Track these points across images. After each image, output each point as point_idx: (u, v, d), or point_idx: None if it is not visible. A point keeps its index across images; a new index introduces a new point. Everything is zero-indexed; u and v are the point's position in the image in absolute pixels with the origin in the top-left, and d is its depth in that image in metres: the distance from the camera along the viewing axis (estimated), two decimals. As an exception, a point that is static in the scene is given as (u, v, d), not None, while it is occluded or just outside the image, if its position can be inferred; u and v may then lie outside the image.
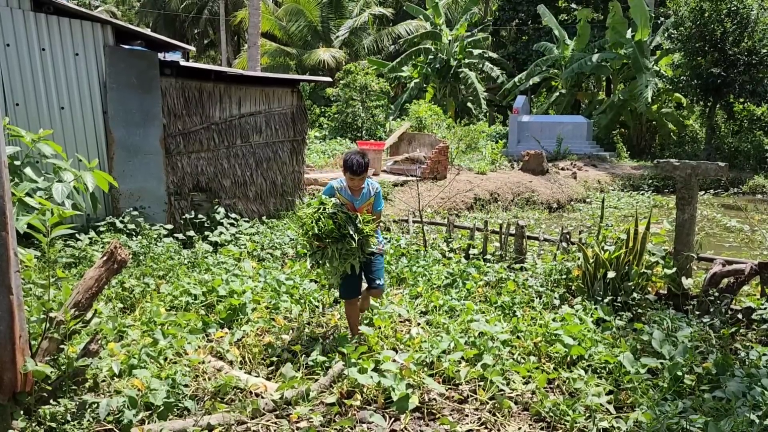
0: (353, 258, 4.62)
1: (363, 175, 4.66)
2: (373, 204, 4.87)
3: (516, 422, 3.81)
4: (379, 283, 4.96)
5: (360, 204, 4.79)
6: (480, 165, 17.55)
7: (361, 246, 4.61)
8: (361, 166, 4.62)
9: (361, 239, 4.60)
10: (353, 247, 4.55)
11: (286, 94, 10.19)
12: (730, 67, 20.23)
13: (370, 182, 4.84)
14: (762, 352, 4.36)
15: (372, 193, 4.83)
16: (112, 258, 3.91)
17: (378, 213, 4.93)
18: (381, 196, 4.94)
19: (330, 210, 4.58)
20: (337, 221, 4.55)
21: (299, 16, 28.95)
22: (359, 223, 4.60)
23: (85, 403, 3.59)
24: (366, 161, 4.65)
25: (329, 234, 4.54)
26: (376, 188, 4.87)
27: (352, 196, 4.78)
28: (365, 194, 4.81)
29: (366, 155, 4.71)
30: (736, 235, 11.50)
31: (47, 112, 7.54)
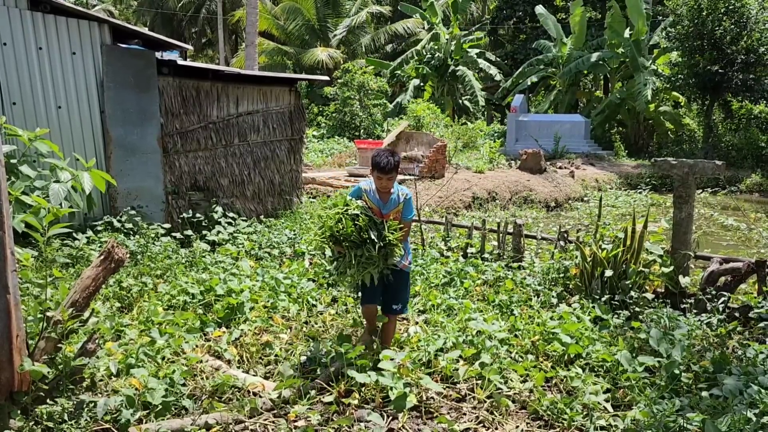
0: (373, 267, 4.24)
1: (392, 175, 4.30)
2: (402, 211, 4.45)
3: (514, 421, 3.82)
4: (396, 307, 4.52)
5: (387, 210, 4.41)
6: (478, 164, 17.56)
7: (384, 255, 4.25)
8: (390, 164, 4.27)
9: (384, 248, 4.22)
10: (373, 255, 4.20)
11: (283, 93, 10.18)
12: (728, 66, 20.26)
13: (401, 188, 4.47)
14: (759, 350, 4.37)
15: (401, 199, 4.43)
16: (109, 257, 3.90)
17: (407, 222, 4.48)
18: (412, 204, 4.50)
19: (353, 211, 4.22)
20: (358, 224, 4.19)
21: (297, 14, 28.94)
22: (385, 229, 4.24)
23: (83, 403, 3.58)
24: (396, 160, 4.31)
25: (348, 237, 4.19)
26: (407, 194, 4.46)
27: (380, 200, 4.40)
28: (393, 200, 4.42)
29: (396, 154, 4.35)
30: (733, 233, 11.52)
31: (44, 111, 7.53)
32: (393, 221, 4.36)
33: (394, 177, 4.34)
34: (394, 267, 4.39)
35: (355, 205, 4.28)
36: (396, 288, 4.52)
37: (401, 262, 4.44)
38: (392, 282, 4.45)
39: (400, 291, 4.56)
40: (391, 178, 4.32)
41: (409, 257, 4.58)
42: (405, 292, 4.63)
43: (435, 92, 29.20)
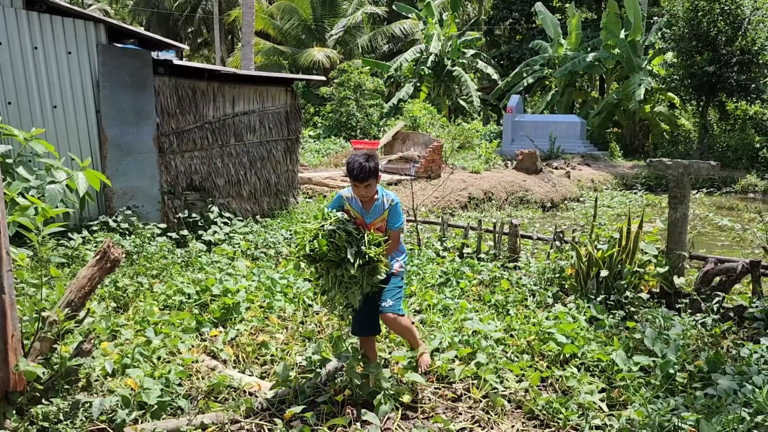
0: (357, 287, 3.81)
1: (369, 182, 3.80)
2: (388, 220, 3.98)
3: (509, 420, 3.82)
4: (385, 305, 4.02)
5: (372, 218, 3.97)
6: (474, 164, 17.59)
7: (367, 273, 3.82)
8: (364, 171, 3.76)
9: (365, 266, 3.78)
10: (355, 275, 3.76)
11: (280, 93, 10.18)
12: (724, 66, 20.34)
13: (386, 193, 4.00)
14: (753, 350, 4.39)
15: (386, 205, 3.96)
16: (105, 257, 3.90)
17: (395, 232, 4.01)
18: (399, 211, 4.01)
19: (329, 227, 3.78)
20: (334, 242, 3.75)
21: (293, 14, 28.92)
22: (364, 245, 3.79)
23: (78, 403, 3.58)
24: (372, 165, 3.79)
25: (323, 257, 3.78)
26: (392, 200, 3.97)
27: (363, 208, 3.97)
28: (378, 207, 3.96)
29: (373, 158, 3.86)
30: (728, 233, 11.56)
31: (39, 111, 7.51)
32: (377, 233, 3.94)
33: (372, 184, 3.85)
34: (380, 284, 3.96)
35: (334, 219, 3.85)
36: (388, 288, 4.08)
37: (392, 268, 4.06)
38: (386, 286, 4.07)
39: (390, 290, 4.09)
40: (369, 186, 3.84)
41: (401, 261, 4.19)
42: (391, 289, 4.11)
43: (431, 92, 29.22)
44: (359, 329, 4.13)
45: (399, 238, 4.09)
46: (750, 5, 20.03)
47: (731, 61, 20.24)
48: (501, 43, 36.63)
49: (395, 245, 4.06)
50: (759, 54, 20.27)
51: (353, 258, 3.71)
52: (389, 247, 3.96)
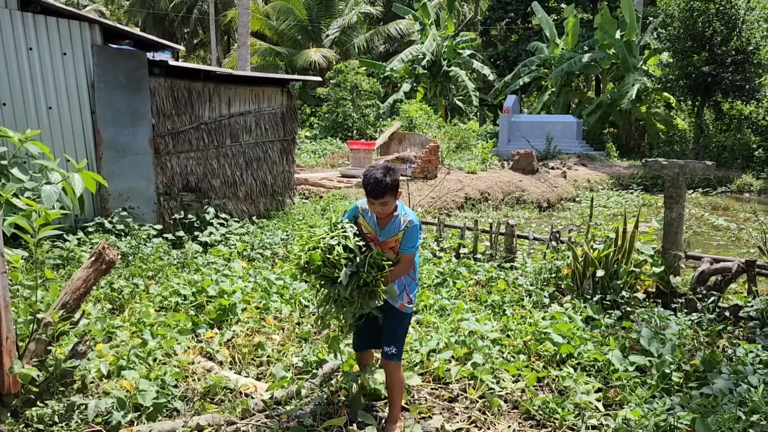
0: (352, 307, 3.51)
1: (385, 200, 3.39)
2: (401, 241, 3.52)
3: (506, 420, 3.83)
4: (388, 350, 3.63)
5: (385, 237, 3.55)
6: (470, 164, 17.60)
7: (366, 296, 3.49)
8: (380, 187, 3.35)
9: (363, 288, 3.45)
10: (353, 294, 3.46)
11: (276, 94, 10.17)
12: (719, 67, 20.40)
13: (406, 211, 3.56)
14: (749, 350, 4.41)
15: (402, 226, 3.50)
16: (100, 258, 3.89)
17: (407, 256, 3.54)
18: (416, 234, 3.54)
19: (329, 241, 3.48)
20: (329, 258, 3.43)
21: (288, 14, 28.91)
22: (366, 264, 3.42)
23: (74, 405, 3.57)
24: (390, 181, 3.36)
25: (316, 272, 3.49)
26: (410, 221, 3.50)
27: (377, 224, 3.58)
28: (393, 226, 3.52)
29: (393, 172, 3.42)
30: (723, 233, 11.59)
31: (34, 112, 7.49)
32: (388, 253, 3.58)
33: (389, 202, 3.42)
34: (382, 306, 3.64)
35: (338, 233, 3.51)
36: (390, 326, 3.69)
37: (398, 301, 3.64)
38: (386, 320, 3.70)
39: (394, 330, 3.69)
40: (385, 204, 3.42)
41: (411, 295, 3.70)
42: (400, 332, 3.71)
43: (427, 93, 29.24)
44: (358, 345, 3.90)
45: (410, 263, 3.60)
46: (744, 5, 20.09)
47: (726, 61, 20.29)
48: (497, 43, 36.67)
49: (404, 270, 3.59)
50: (754, 54, 20.33)
51: (345, 279, 3.36)
52: (395, 272, 3.54)
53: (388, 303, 3.64)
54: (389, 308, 3.66)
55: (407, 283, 3.67)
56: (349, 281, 3.38)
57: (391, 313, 3.67)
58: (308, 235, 3.70)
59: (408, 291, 3.67)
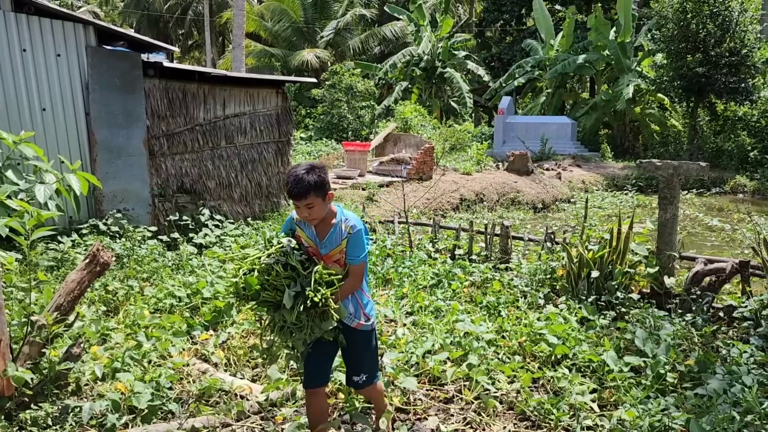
0: (301, 333, 3.04)
1: (309, 201, 2.95)
2: (346, 251, 3.09)
3: (501, 421, 3.83)
4: (357, 379, 3.27)
5: (327, 249, 3.10)
6: (465, 165, 17.62)
7: (317, 318, 3.05)
8: (301, 186, 2.92)
9: (312, 309, 3.00)
10: (301, 320, 3.01)
11: (270, 95, 10.16)
12: (713, 68, 20.49)
13: (346, 216, 3.11)
14: (743, 350, 4.42)
15: (345, 233, 3.07)
16: (94, 260, 3.88)
17: (355, 267, 3.12)
18: (361, 241, 3.09)
19: (265, 260, 3.01)
20: (269, 280, 2.99)
21: (283, 15, 28.90)
22: (312, 282, 2.97)
23: (68, 408, 3.55)
24: (313, 179, 2.94)
25: (255, 297, 3.05)
26: (352, 226, 3.07)
27: (316, 235, 3.12)
28: (334, 235, 3.08)
29: (318, 170, 2.99)
30: (717, 234, 11.63)
31: (28, 114, 7.46)
32: (335, 267, 3.14)
33: (315, 204, 2.98)
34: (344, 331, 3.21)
35: (275, 249, 3.05)
36: (353, 352, 3.27)
37: (354, 320, 3.19)
38: (347, 346, 3.26)
39: (359, 356, 3.27)
40: (311, 206, 2.97)
41: (367, 312, 3.25)
42: (368, 356, 3.29)
43: (422, 94, 29.26)
44: (309, 380, 3.27)
45: (361, 274, 3.18)
46: (738, 7, 20.19)
47: (720, 62, 20.38)
48: (492, 44, 36.73)
49: (355, 283, 3.17)
50: (747, 56, 20.44)
51: (290, 302, 2.94)
52: (346, 287, 3.12)
53: (345, 325, 3.20)
54: (347, 331, 3.21)
55: (360, 298, 3.23)
56: (294, 303, 2.95)
57: (350, 337, 3.23)
58: (241, 255, 3.14)
59: (363, 307, 3.23)
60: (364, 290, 3.27)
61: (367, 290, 3.31)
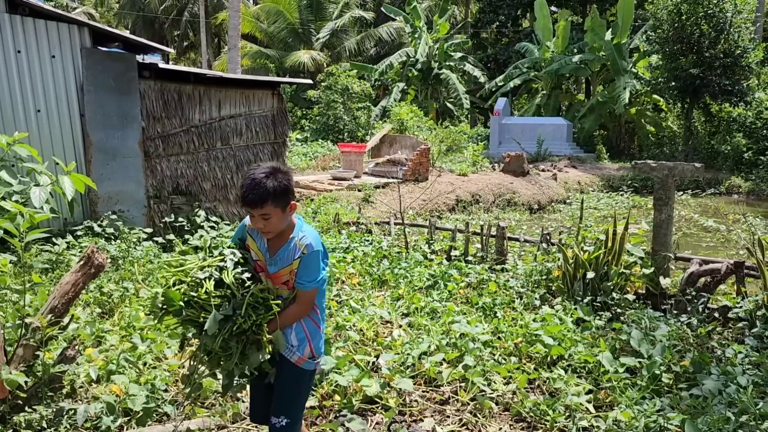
0: (229, 363, 2.62)
1: (266, 211, 2.53)
2: (297, 272, 2.64)
3: (497, 422, 3.83)
4: (276, 421, 2.74)
5: (276, 268, 2.67)
6: (461, 167, 17.63)
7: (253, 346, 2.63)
8: (258, 192, 2.51)
9: (242, 336, 2.59)
10: (230, 347, 2.59)
11: (266, 97, 10.15)
12: (708, 69, 20.57)
13: (305, 232, 2.66)
14: (738, 350, 4.44)
15: (298, 252, 2.62)
16: (89, 262, 3.86)
17: (304, 293, 2.66)
18: (317, 263, 2.64)
19: (197, 274, 2.61)
20: (194, 297, 2.57)
21: (278, 16, 28.90)
22: (244, 305, 2.54)
23: (62, 410, 3.54)
24: (273, 185, 2.52)
25: (177, 314, 2.64)
26: (307, 245, 2.62)
27: (267, 250, 2.71)
28: (287, 252, 2.65)
29: (280, 175, 2.57)
30: (712, 235, 11.67)
31: (23, 115, 7.44)
32: (282, 290, 2.70)
33: (273, 215, 2.56)
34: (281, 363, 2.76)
35: (212, 261, 2.66)
36: (283, 388, 2.78)
37: (295, 354, 2.74)
38: (279, 379, 2.79)
39: (288, 395, 2.78)
40: (267, 217, 2.55)
41: (315, 348, 2.79)
42: (298, 399, 2.81)
43: (418, 95, 29.29)
44: (254, 415, 2.97)
45: (310, 303, 2.71)
46: (732, 9, 20.27)
47: (715, 63, 20.46)
48: (487, 45, 36.79)
49: (299, 312, 2.70)
50: (742, 57, 20.52)
51: (214, 326, 2.51)
52: (288, 315, 2.67)
53: (283, 357, 2.74)
54: (283, 363, 2.75)
55: (310, 331, 2.76)
56: (219, 328, 2.53)
57: (284, 371, 2.76)
58: (179, 263, 2.76)
59: (311, 341, 2.76)
60: (316, 322, 2.79)
61: (322, 323, 2.83)
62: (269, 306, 2.61)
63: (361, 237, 8.55)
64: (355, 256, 7.50)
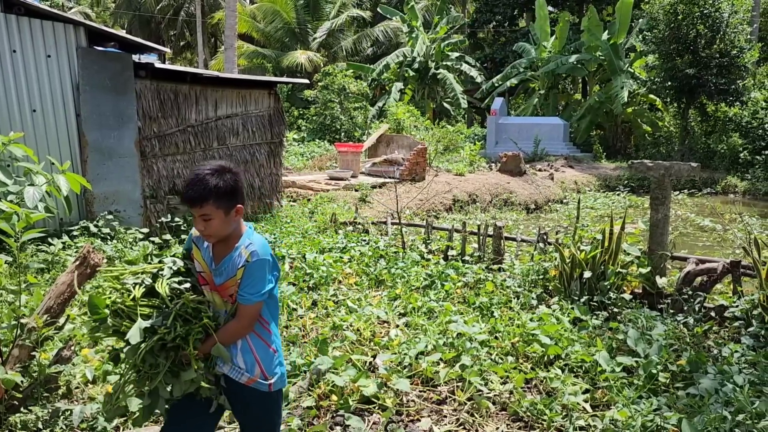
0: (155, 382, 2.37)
1: (206, 211, 2.32)
2: (240, 283, 2.38)
3: (494, 422, 3.83)
4: None
5: (222, 279, 2.43)
6: (458, 166, 17.64)
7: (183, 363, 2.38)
8: (199, 189, 2.31)
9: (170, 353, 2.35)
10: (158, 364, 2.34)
11: (263, 96, 10.14)
12: (704, 69, 20.61)
13: (251, 240, 2.43)
14: (734, 350, 4.44)
15: (242, 261, 2.38)
16: (85, 262, 3.84)
17: (246, 307, 2.39)
18: (262, 274, 2.38)
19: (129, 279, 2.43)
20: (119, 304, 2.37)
21: (275, 16, 28.86)
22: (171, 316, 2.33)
23: (58, 411, 3.53)
24: (217, 183, 2.33)
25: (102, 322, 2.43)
26: (252, 253, 2.38)
27: (213, 258, 2.47)
28: (231, 261, 2.41)
29: (227, 173, 2.38)
30: (709, 234, 11.69)
31: (18, 115, 7.41)
32: (226, 303, 2.47)
33: (215, 217, 2.35)
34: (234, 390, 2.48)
35: (149, 267, 2.47)
36: (245, 417, 2.55)
37: (244, 374, 2.45)
38: (235, 406, 2.51)
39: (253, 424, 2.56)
40: (208, 218, 2.34)
41: (267, 368, 2.48)
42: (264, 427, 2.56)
43: (415, 95, 29.28)
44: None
45: (253, 318, 2.43)
46: (728, 9, 20.32)
47: (711, 63, 20.51)
48: (484, 45, 36.82)
49: (240, 329, 2.42)
50: (738, 57, 20.57)
51: (137, 337, 2.26)
52: (228, 331, 2.41)
53: (231, 381, 2.46)
54: (236, 389, 2.47)
55: (259, 352, 2.47)
56: (143, 340, 2.28)
57: (242, 397, 2.48)
58: (120, 268, 2.54)
59: (260, 361, 2.46)
60: (266, 341, 2.49)
61: (273, 340, 2.52)
62: (200, 316, 2.38)
63: (358, 237, 8.54)
64: (352, 256, 7.49)
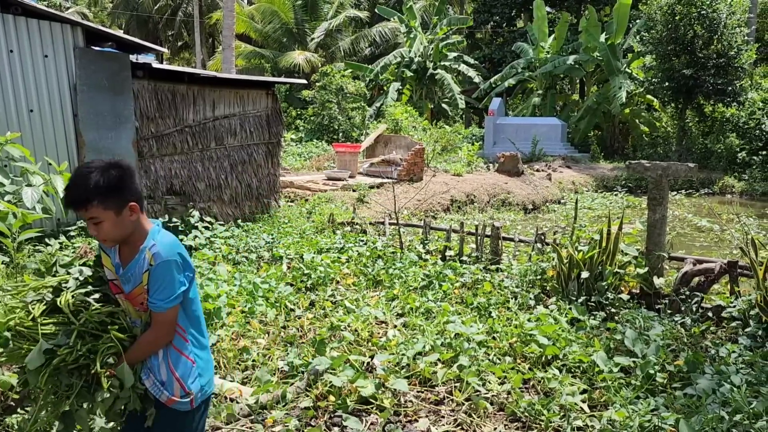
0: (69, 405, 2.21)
1: (90, 214, 2.13)
2: (148, 289, 2.21)
3: (492, 422, 3.83)
4: None
5: (130, 287, 2.24)
6: (456, 167, 17.64)
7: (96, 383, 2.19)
8: (80, 189, 2.11)
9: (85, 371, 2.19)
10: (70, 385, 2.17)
11: (261, 97, 10.13)
12: (701, 70, 20.66)
13: (156, 240, 2.25)
14: (731, 350, 4.45)
15: (146, 264, 2.20)
16: (82, 263, 3.84)
17: (159, 316, 2.21)
18: (170, 276, 2.19)
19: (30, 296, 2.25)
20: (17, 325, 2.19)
21: (273, 16, 28.85)
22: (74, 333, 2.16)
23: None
24: (97, 181, 2.10)
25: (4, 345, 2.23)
26: (155, 255, 2.19)
27: (120, 264, 2.29)
28: (136, 266, 2.23)
29: (113, 170, 2.16)
30: (706, 234, 11.71)
31: (15, 115, 7.40)
32: (140, 311, 2.29)
33: (103, 219, 2.14)
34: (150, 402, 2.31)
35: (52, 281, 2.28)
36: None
37: (163, 392, 2.28)
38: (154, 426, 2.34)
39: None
40: (97, 222, 2.15)
41: (188, 383, 2.30)
42: None
43: (413, 95, 29.28)
44: None
45: (169, 327, 2.25)
46: (726, 10, 20.36)
47: (708, 64, 20.55)
48: (482, 45, 36.84)
49: (156, 340, 2.25)
50: (735, 57, 20.62)
51: (34, 360, 2.09)
52: (141, 343, 2.25)
53: (153, 397, 2.29)
54: (157, 408, 2.32)
55: (175, 361, 2.29)
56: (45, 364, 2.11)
57: (161, 416, 2.32)
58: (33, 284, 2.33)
59: (180, 377, 2.28)
60: (180, 349, 2.30)
61: (191, 350, 2.33)
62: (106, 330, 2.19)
63: (356, 237, 8.54)
64: (350, 256, 7.49)
